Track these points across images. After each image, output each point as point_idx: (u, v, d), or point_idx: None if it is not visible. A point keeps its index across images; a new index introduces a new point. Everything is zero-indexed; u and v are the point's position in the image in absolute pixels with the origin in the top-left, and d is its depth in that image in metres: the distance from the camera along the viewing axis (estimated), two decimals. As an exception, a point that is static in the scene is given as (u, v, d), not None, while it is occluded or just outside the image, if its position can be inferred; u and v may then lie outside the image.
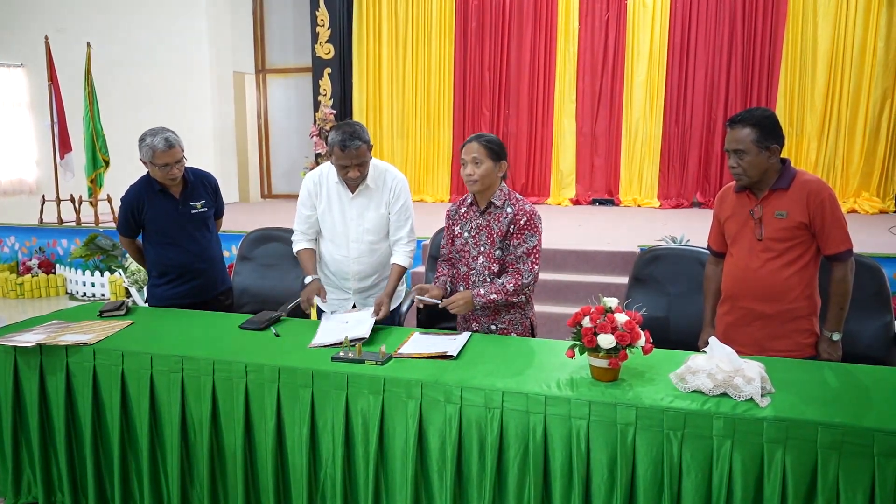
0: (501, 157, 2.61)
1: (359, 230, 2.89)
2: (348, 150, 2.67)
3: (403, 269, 2.90)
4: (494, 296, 2.58)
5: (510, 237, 2.62)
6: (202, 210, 3.16)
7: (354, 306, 2.95)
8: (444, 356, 2.27)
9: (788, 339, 2.40)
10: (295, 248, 2.99)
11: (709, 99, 8.10)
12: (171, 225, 3.09)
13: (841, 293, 2.39)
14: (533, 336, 2.76)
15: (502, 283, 2.59)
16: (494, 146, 2.60)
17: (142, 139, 2.96)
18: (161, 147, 2.91)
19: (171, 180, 3.02)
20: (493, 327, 2.69)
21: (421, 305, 2.72)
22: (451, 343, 2.39)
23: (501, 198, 2.64)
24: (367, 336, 2.47)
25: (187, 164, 3.10)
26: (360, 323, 2.58)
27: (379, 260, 2.96)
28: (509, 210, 2.62)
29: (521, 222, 2.60)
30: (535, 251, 2.62)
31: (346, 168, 2.74)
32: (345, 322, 2.61)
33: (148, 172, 3.06)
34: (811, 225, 2.34)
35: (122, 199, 3.11)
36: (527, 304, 2.74)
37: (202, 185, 3.20)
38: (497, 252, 2.64)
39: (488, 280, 2.66)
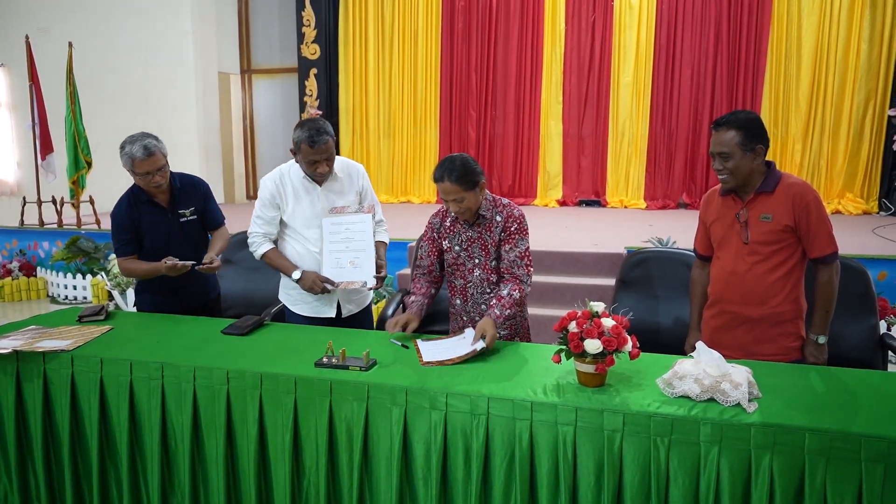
0: (477, 180, 2.49)
1: None
2: (317, 145, 2.68)
3: (385, 245, 2.97)
4: (509, 311, 2.50)
5: (501, 243, 2.60)
6: (191, 218, 3.04)
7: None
8: (477, 354, 2.26)
9: (775, 342, 2.40)
10: (259, 252, 2.89)
11: (695, 100, 8.13)
12: (161, 236, 2.96)
13: (826, 296, 2.38)
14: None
15: (509, 295, 2.51)
16: (467, 177, 2.45)
17: (121, 147, 2.83)
18: (140, 155, 2.79)
19: (155, 188, 2.89)
20: (498, 335, 2.65)
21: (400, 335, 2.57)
22: (471, 343, 2.33)
23: (488, 207, 2.59)
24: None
25: (174, 170, 2.99)
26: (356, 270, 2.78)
27: None
28: (499, 219, 2.59)
29: (512, 229, 2.58)
30: (527, 253, 2.59)
31: (316, 163, 2.73)
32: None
33: (133, 184, 2.94)
34: (797, 228, 2.33)
35: (114, 218, 2.95)
36: (523, 305, 2.73)
37: (191, 191, 3.06)
38: (493, 262, 2.61)
39: (488, 291, 2.63)
